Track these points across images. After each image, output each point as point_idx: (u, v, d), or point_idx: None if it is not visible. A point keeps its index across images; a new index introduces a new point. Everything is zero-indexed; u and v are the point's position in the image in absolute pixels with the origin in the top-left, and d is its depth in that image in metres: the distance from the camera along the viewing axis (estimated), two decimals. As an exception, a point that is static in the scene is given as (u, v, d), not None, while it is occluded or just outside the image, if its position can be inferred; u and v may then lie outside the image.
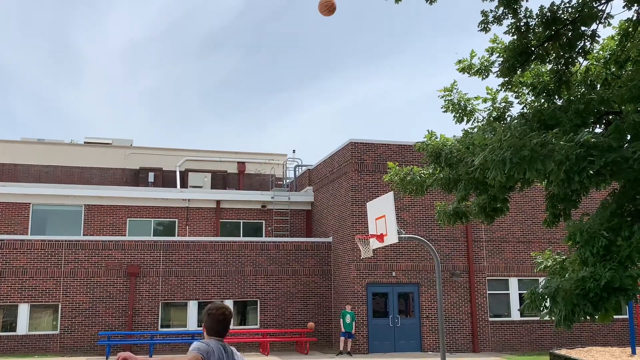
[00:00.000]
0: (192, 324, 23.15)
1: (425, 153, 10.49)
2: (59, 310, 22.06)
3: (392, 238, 15.43)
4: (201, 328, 18.66)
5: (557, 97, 9.74)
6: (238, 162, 32.34)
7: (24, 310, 21.85)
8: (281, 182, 31.40)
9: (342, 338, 21.19)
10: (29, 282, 22.01)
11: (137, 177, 30.31)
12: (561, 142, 7.82)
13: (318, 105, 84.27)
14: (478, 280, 23.17)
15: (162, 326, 22.94)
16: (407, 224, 22.38)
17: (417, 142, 10.70)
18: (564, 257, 9.61)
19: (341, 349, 21.09)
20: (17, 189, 24.72)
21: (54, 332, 21.95)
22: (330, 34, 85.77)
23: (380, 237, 15.81)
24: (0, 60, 74.19)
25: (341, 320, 21.33)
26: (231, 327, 22.56)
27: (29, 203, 24.78)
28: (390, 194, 15.75)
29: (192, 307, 23.28)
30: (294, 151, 34.05)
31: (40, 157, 29.71)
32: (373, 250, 17.08)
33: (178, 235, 25.79)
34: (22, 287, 21.92)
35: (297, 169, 30.39)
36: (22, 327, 21.75)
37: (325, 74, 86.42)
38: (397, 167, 11.41)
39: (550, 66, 9.81)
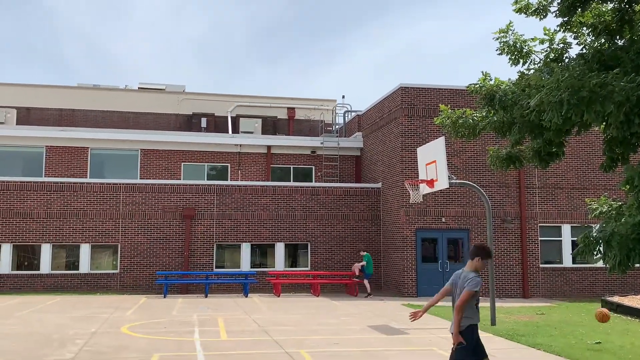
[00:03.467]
0: (245, 264, 23.82)
1: (478, 96, 10.31)
2: (119, 251, 23.00)
3: (442, 183, 15.38)
4: (257, 269, 19.26)
5: (618, 37, 9.35)
6: (288, 108, 32.40)
7: (85, 250, 22.87)
8: (330, 128, 31.40)
9: (366, 280, 22.08)
10: (90, 224, 22.95)
11: (190, 123, 30.80)
12: (621, 83, 7.58)
13: (367, 50, 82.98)
14: (530, 226, 22.95)
15: (216, 267, 23.70)
16: (458, 170, 22.18)
17: (470, 85, 10.51)
18: (620, 203, 9.42)
19: (369, 291, 21.87)
20: (75, 134, 25.52)
21: (114, 271, 22.97)
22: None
23: (430, 183, 15.77)
24: (50, 7, 75.41)
25: (366, 263, 22.01)
26: (282, 268, 23.12)
27: (88, 147, 25.59)
28: (442, 139, 15.60)
29: (245, 248, 23.91)
30: (343, 97, 33.76)
31: (96, 103, 30.43)
32: (423, 195, 17.08)
33: (230, 180, 26.28)
34: (83, 228, 22.89)
35: (346, 115, 30.32)
36: (84, 266, 22.82)
37: (372, 18, 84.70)
38: (449, 110, 11.26)
39: (612, 5, 9.40)
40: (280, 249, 24.19)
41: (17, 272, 22.56)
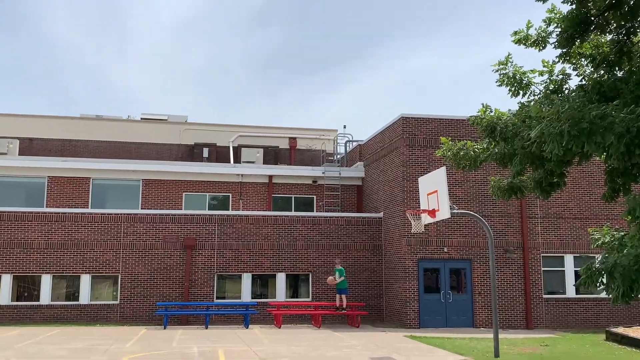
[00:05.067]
0: (246, 295, 23.66)
1: (479, 127, 10.38)
2: (119, 281, 22.88)
3: (444, 213, 15.35)
4: (258, 299, 19.03)
5: (617, 68, 9.45)
6: (289, 138, 32.49)
7: (85, 280, 22.75)
8: (332, 158, 31.47)
9: (337, 295, 22.31)
10: (90, 254, 22.87)
11: (192, 153, 30.88)
12: (621, 114, 7.62)
13: (367, 80, 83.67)
14: (532, 257, 22.84)
15: (217, 297, 23.54)
16: (460, 200, 22.17)
17: (470, 116, 10.58)
18: (622, 233, 9.39)
19: (337, 304, 22.22)
20: (77, 164, 25.58)
21: (114, 302, 22.81)
22: (377, 6, 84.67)
23: (432, 213, 15.75)
24: (54, 39, 76.30)
25: (334, 275, 22.38)
26: (284, 298, 22.99)
27: (89, 178, 25.63)
28: (443, 169, 15.63)
29: (246, 279, 23.78)
30: (344, 126, 34.06)
31: (99, 133, 30.57)
32: (425, 225, 17.04)
33: (232, 209, 26.26)
34: (84, 258, 22.81)
35: (347, 145, 30.38)
36: (84, 296, 22.68)
37: (373, 49, 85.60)
38: (450, 142, 11.31)
39: (610, 36, 9.51)
40: (281, 279, 24.06)
41: (17, 303, 22.42)
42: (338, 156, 31.00)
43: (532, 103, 9.86)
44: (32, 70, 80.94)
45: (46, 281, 22.56)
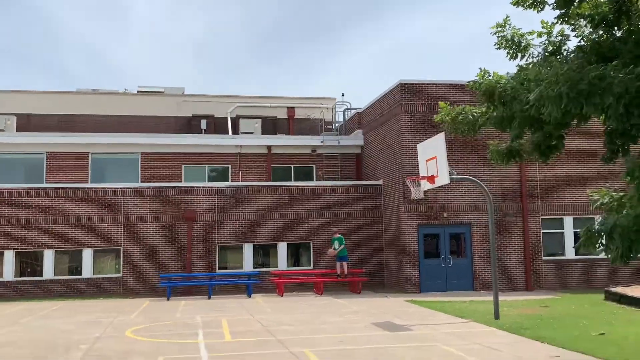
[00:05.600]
0: (247, 265, 23.80)
1: (478, 92, 10.26)
2: (121, 255, 22.99)
3: (443, 179, 15.35)
4: (260, 269, 19.07)
5: (616, 28, 9.30)
6: (287, 108, 32.33)
7: (87, 254, 22.85)
8: (331, 126, 31.38)
9: (338, 263, 22.51)
10: (92, 228, 22.93)
11: (189, 125, 30.76)
12: (620, 75, 7.54)
13: (365, 47, 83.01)
14: (532, 219, 22.91)
15: (219, 268, 23.69)
16: (459, 165, 22.11)
17: (469, 81, 10.47)
18: (621, 194, 9.37)
19: (346, 272, 22.42)
20: (76, 139, 25.50)
21: (117, 275, 22.95)
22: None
23: (431, 179, 15.75)
24: (49, 13, 75.45)
25: (332, 245, 22.57)
26: (285, 268, 23.09)
27: (88, 152, 25.56)
28: (442, 135, 15.57)
29: (247, 249, 23.89)
30: (342, 94, 33.84)
31: (96, 107, 30.41)
32: (424, 191, 17.05)
33: (231, 181, 26.25)
34: (85, 232, 22.87)
35: (346, 113, 30.28)
36: (87, 270, 22.81)
37: (370, 15, 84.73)
38: (449, 107, 11.23)
39: (609, -4, 9.34)
40: (282, 248, 24.17)
41: (20, 278, 22.55)
42: (337, 125, 30.91)
43: (530, 66, 9.74)
44: (28, 45, 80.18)
45: (48, 256, 22.67)
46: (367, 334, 13.09)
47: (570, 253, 23.12)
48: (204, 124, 30.33)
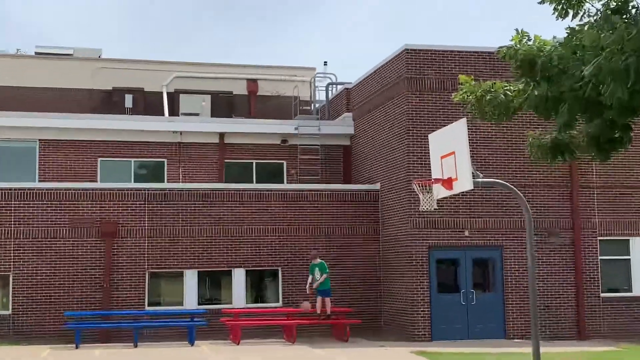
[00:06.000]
0: (190, 300, 23.74)
1: (512, 62, 10.40)
2: (10, 284, 22.80)
3: (464, 183, 15.45)
4: (208, 305, 19.17)
5: None
6: (248, 80, 32.29)
7: (-37, 283, 22.65)
8: (309, 108, 31.40)
9: (318, 298, 22.48)
10: (-31, 246, 22.72)
11: (109, 102, 30.55)
12: None
13: (357, 3, 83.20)
14: (586, 241, 23.17)
15: (150, 304, 23.61)
16: (486, 164, 22.32)
17: (501, 47, 10.60)
18: None
19: (318, 311, 22.44)
20: (-53, 119, 25.25)
21: (4, 312, 22.75)
22: None
23: (447, 182, 15.85)
24: None
25: (310, 275, 22.52)
26: (243, 304, 23.09)
27: (-36, 138, 25.37)
28: (463, 122, 15.67)
29: (190, 278, 23.84)
30: (325, 63, 33.64)
31: (-24, 75, 30.14)
32: (438, 200, 17.18)
33: (168, 181, 26.17)
34: (-40, 252, 22.65)
35: (330, 89, 30.29)
36: (-38, 305, 22.60)
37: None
38: (473, 83, 11.35)
39: None
40: (239, 277, 24.15)
41: None
42: (317, 105, 30.94)
43: (586, 28, 9.89)
44: None
45: None
46: (357, 398, 13.15)
47: (638, 288, 23.40)
48: (129, 100, 30.17)
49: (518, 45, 10.36)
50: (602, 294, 23.17)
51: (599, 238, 23.34)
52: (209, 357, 19.13)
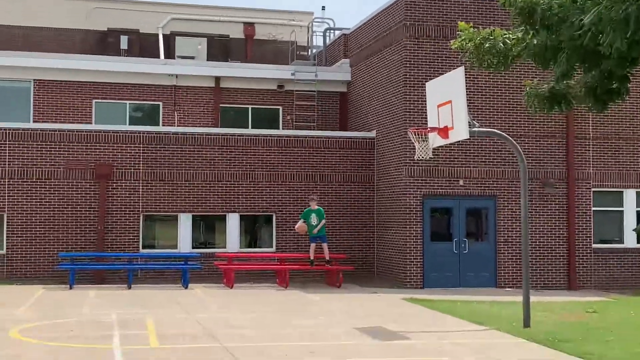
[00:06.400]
0: (184, 244, 23.85)
1: (512, 10, 10.32)
2: (4, 224, 22.84)
3: (460, 132, 15.45)
4: (201, 249, 19.15)
5: None
6: (245, 24, 32.06)
7: (-43, 222, 22.69)
8: (305, 53, 31.22)
9: (312, 244, 22.57)
10: (-37, 186, 22.72)
11: (104, 43, 30.32)
12: None
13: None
14: (580, 192, 23.24)
15: (144, 247, 23.72)
16: (483, 113, 22.27)
17: (501, -6, 10.50)
18: None
19: (311, 257, 22.50)
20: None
21: (-2, 252, 22.88)
22: None
23: (444, 131, 15.84)
24: None
25: (301, 220, 22.69)
26: (237, 249, 23.16)
27: (-42, 77, 25.20)
28: (460, 70, 15.62)
29: (184, 222, 23.91)
30: (323, 8, 33.42)
31: (-31, 14, 29.83)
32: (433, 149, 17.17)
33: (163, 125, 26.11)
34: (-46, 191, 22.66)
35: (327, 34, 30.09)
36: (-43, 244, 22.68)
37: None
38: (472, 30, 11.27)
39: None
40: (233, 222, 24.24)
41: None
42: (314, 51, 30.75)
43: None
44: None
45: None
46: (348, 343, 13.28)
47: (631, 240, 23.55)
48: (124, 42, 29.92)
49: (518, -8, 10.26)
50: (594, 245, 23.30)
51: (592, 189, 23.40)
52: (203, 300, 19.29)
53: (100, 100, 26.09)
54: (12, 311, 16.56)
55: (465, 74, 15.62)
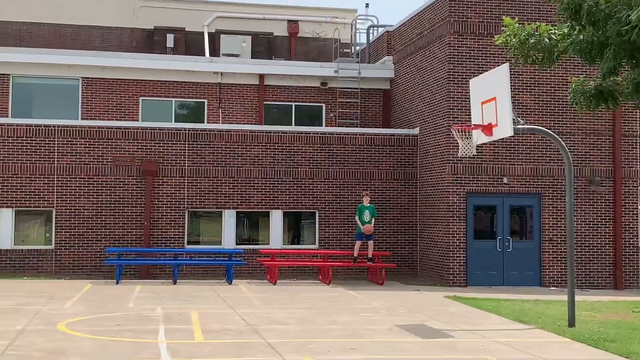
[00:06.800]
0: (228, 240, 24.01)
1: (559, 5, 10.22)
2: (53, 219, 23.19)
3: (505, 129, 15.34)
4: (245, 245, 19.22)
5: None
6: (288, 22, 32.13)
7: (7, 217, 23.04)
8: (349, 50, 31.18)
9: (357, 242, 22.65)
10: (12, 181, 23.05)
11: (151, 41, 30.60)
12: None
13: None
14: (628, 190, 22.96)
15: (189, 242, 23.92)
16: (527, 110, 22.08)
17: (547, -10, 10.42)
18: None
19: (355, 254, 22.57)
20: (-10, 56, 25.47)
21: (47, 246, 23.19)
22: None
23: (487, 128, 15.75)
24: None
25: (357, 217, 22.64)
26: (280, 245, 23.26)
27: (8, 75, 25.56)
28: (505, 67, 15.48)
29: (228, 218, 24.06)
30: (367, 5, 33.31)
31: (19, 12, 30.25)
32: (477, 146, 17.08)
33: (208, 122, 26.28)
34: (3, 187, 23.01)
35: (371, 32, 30.03)
36: (6, 240, 22.99)
37: None
38: (517, 25, 11.19)
39: None
40: (277, 219, 24.33)
41: None
42: (357, 48, 30.72)
43: (635, -29, 9.70)
44: None
45: (-47, 218, 22.90)
46: (391, 340, 13.27)
47: (678, 239, 23.22)
48: (170, 40, 30.17)
49: (564, -12, 10.17)
50: (641, 244, 23.03)
51: (639, 187, 23.10)
52: (247, 296, 19.39)
53: (146, 98, 26.32)
54: (61, 305, 16.81)
55: (510, 71, 15.49)
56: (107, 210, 23.40)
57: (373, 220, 22.53)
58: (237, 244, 24.10)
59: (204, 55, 29.41)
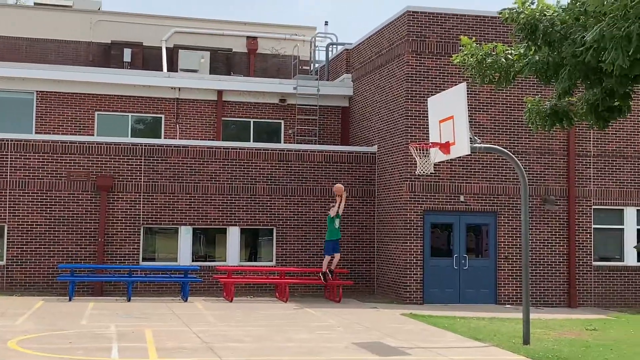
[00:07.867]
0: (184, 257, 23.82)
1: (514, 25, 10.35)
2: (5, 234, 22.84)
3: (462, 148, 15.46)
4: (201, 262, 19.14)
5: None
6: (248, 38, 32.16)
7: (-42, 232, 22.67)
8: (308, 68, 31.26)
9: (326, 256, 22.54)
10: (-35, 196, 22.71)
11: (107, 55, 30.40)
12: None
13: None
14: (580, 209, 23.23)
15: (144, 259, 23.69)
16: (484, 129, 22.30)
17: (503, 10, 10.54)
18: None
19: (324, 269, 22.43)
20: (-56, 68, 25.11)
21: (-2, 262, 22.84)
22: None
23: (445, 147, 15.86)
24: None
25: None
26: (237, 262, 23.10)
27: (-39, 88, 25.22)
28: (462, 86, 15.63)
29: (184, 235, 23.89)
30: (326, 23, 33.42)
31: (-26, 25, 29.91)
32: (434, 164, 17.18)
33: (165, 137, 26.13)
34: (-45, 201, 22.64)
35: (330, 49, 30.14)
36: (-43, 255, 22.64)
37: None
38: (474, 45, 11.30)
39: None
40: (234, 235, 24.22)
41: None
42: (316, 65, 30.81)
43: (589, -8, 9.85)
44: None
45: None
46: (347, 358, 13.25)
47: (631, 258, 23.54)
48: (127, 54, 30.02)
49: (521, 8, 10.31)
50: (594, 263, 23.27)
51: (593, 207, 23.39)
52: (203, 313, 19.24)
53: (102, 113, 26.11)
54: (12, 322, 16.54)
55: (467, 90, 15.63)
56: (60, 225, 23.11)
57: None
58: (193, 260, 23.94)
59: (161, 70, 29.30)
